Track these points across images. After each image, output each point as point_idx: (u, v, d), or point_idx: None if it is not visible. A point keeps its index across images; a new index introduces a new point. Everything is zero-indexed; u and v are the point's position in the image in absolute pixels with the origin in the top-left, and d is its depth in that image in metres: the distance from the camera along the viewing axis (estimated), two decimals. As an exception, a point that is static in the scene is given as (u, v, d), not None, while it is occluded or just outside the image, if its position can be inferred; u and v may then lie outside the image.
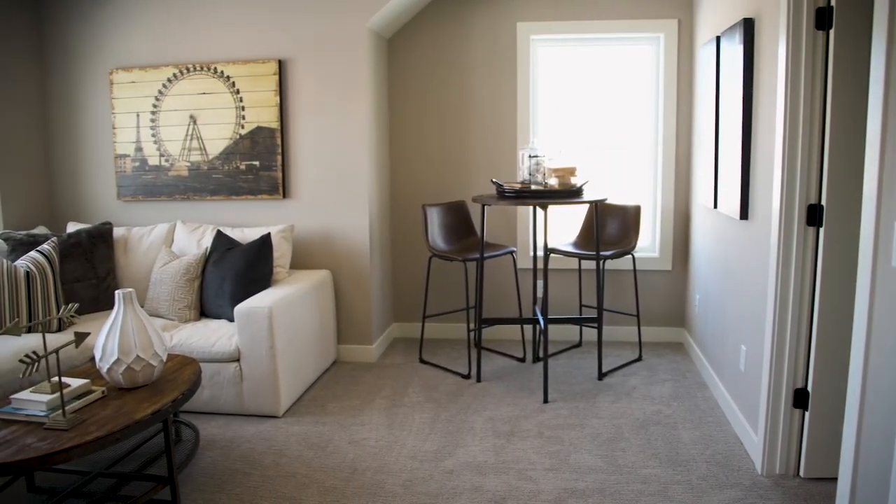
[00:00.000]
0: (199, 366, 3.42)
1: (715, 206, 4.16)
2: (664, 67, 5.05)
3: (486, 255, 4.62)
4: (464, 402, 4.18)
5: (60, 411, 2.73)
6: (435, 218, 4.93)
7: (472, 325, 5.33)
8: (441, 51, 5.26)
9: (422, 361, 4.95)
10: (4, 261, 4.02)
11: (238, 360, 3.95)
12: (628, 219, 4.88)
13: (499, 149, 5.30)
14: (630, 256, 4.84)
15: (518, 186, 4.28)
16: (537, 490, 3.12)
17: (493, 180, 4.43)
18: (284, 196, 4.88)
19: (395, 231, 5.52)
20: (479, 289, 4.56)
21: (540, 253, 5.20)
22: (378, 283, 5.11)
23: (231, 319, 4.20)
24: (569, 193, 4.15)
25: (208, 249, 4.46)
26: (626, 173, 5.30)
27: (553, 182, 4.25)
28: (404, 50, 5.30)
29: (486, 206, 5.01)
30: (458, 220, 5.12)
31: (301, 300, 4.30)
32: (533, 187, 4.26)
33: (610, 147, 5.28)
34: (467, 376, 4.62)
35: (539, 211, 4.82)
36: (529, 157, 4.37)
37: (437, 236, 4.89)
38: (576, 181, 4.26)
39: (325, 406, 4.17)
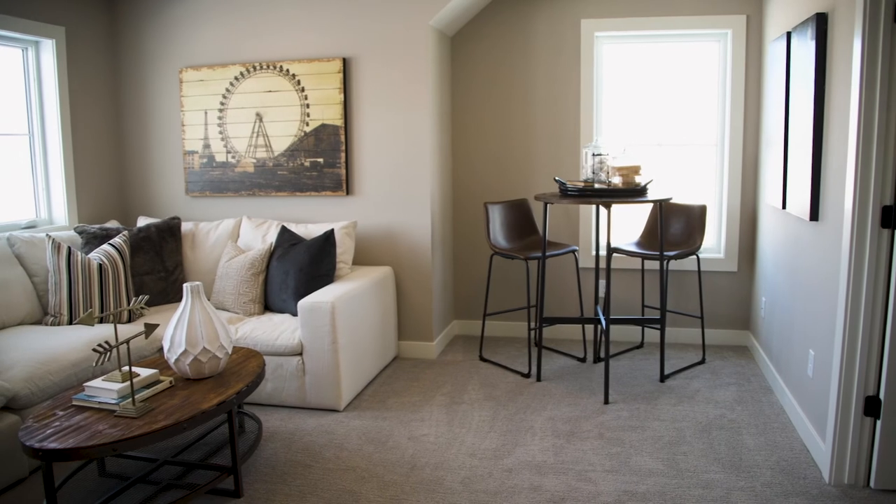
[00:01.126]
0: (263, 359, 3.49)
1: (784, 207, 4.05)
2: (732, 64, 4.93)
3: (547, 253, 4.59)
4: (523, 401, 4.16)
5: (130, 400, 2.82)
6: (497, 216, 4.92)
7: (532, 324, 5.31)
8: (504, 48, 5.25)
9: (482, 359, 4.95)
10: (79, 253, 4.17)
11: (301, 354, 4.02)
12: (693, 219, 4.78)
13: (562, 147, 5.26)
14: (694, 257, 4.74)
15: (581, 185, 4.24)
16: (597, 492, 3.09)
17: (556, 178, 4.40)
18: (348, 193, 4.94)
19: (457, 228, 5.53)
20: (540, 287, 4.53)
21: (603, 252, 5.14)
22: (439, 280, 5.13)
23: (294, 314, 4.27)
24: (633, 192, 4.09)
25: (273, 245, 4.55)
26: (691, 172, 5.19)
27: (617, 181, 4.19)
28: (467, 47, 5.30)
29: (548, 205, 4.98)
30: (520, 219, 5.10)
31: (363, 296, 4.35)
32: (596, 186, 4.21)
33: (675, 145, 5.18)
34: (527, 375, 4.60)
35: (602, 210, 4.77)
36: (593, 155, 4.31)
37: (498, 234, 4.88)
38: (640, 180, 4.19)
39: (386, 401, 4.21)
